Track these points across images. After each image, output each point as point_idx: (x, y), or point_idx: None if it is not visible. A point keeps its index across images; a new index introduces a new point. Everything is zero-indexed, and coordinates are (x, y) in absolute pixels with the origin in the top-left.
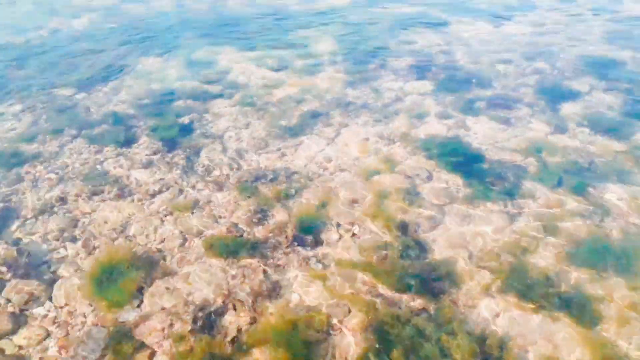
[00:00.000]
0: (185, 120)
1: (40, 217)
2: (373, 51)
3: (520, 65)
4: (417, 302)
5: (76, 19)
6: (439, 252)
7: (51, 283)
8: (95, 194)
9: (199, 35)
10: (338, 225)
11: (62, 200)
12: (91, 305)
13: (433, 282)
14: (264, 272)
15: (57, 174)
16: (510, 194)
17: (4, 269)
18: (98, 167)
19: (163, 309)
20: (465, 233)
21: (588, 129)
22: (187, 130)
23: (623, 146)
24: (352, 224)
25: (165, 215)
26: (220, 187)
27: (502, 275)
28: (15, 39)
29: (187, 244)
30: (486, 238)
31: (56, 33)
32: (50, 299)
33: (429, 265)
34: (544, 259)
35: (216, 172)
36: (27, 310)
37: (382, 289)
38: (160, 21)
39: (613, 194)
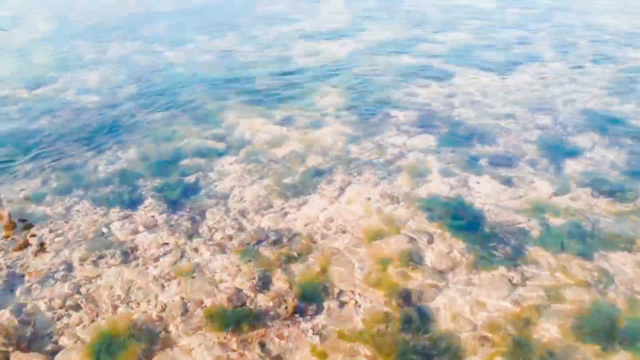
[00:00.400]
0: (190, 179)
1: (45, 283)
2: (377, 104)
3: (523, 120)
4: None
5: (88, 73)
6: (441, 323)
7: (53, 354)
8: (100, 258)
9: (206, 88)
10: (340, 293)
11: (67, 265)
12: None
13: (435, 356)
14: (263, 345)
15: (63, 237)
16: (513, 259)
17: (6, 340)
18: (104, 229)
19: None
20: (468, 302)
21: (591, 188)
22: (192, 190)
23: (626, 207)
24: (354, 292)
25: (168, 281)
26: (222, 250)
27: (505, 349)
28: (27, 93)
29: (187, 312)
30: (489, 308)
31: (68, 87)
32: None
33: (431, 338)
34: (547, 331)
35: (219, 235)
36: None
37: None
38: (170, 74)
39: (617, 259)
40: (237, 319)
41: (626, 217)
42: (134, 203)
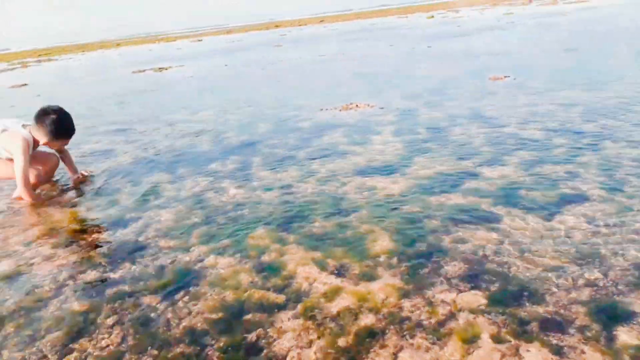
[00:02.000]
0: (252, 337)
1: None
2: (427, 252)
3: (572, 275)
4: None
5: (165, 212)
6: None
7: None
8: None
9: (268, 231)
10: None
11: None
12: None
13: None
14: None
15: None
16: None
17: None
18: None
19: None
20: None
21: None
22: (253, 350)
23: None
24: None
25: None
26: None
27: None
28: (110, 237)
29: None
30: None
31: (145, 229)
32: None
33: None
34: None
35: None
36: None
37: None
38: (236, 216)
39: None
40: None
41: None
42: None
